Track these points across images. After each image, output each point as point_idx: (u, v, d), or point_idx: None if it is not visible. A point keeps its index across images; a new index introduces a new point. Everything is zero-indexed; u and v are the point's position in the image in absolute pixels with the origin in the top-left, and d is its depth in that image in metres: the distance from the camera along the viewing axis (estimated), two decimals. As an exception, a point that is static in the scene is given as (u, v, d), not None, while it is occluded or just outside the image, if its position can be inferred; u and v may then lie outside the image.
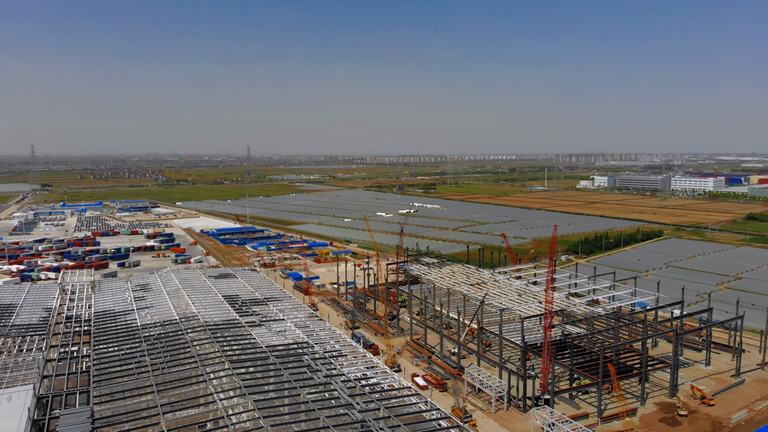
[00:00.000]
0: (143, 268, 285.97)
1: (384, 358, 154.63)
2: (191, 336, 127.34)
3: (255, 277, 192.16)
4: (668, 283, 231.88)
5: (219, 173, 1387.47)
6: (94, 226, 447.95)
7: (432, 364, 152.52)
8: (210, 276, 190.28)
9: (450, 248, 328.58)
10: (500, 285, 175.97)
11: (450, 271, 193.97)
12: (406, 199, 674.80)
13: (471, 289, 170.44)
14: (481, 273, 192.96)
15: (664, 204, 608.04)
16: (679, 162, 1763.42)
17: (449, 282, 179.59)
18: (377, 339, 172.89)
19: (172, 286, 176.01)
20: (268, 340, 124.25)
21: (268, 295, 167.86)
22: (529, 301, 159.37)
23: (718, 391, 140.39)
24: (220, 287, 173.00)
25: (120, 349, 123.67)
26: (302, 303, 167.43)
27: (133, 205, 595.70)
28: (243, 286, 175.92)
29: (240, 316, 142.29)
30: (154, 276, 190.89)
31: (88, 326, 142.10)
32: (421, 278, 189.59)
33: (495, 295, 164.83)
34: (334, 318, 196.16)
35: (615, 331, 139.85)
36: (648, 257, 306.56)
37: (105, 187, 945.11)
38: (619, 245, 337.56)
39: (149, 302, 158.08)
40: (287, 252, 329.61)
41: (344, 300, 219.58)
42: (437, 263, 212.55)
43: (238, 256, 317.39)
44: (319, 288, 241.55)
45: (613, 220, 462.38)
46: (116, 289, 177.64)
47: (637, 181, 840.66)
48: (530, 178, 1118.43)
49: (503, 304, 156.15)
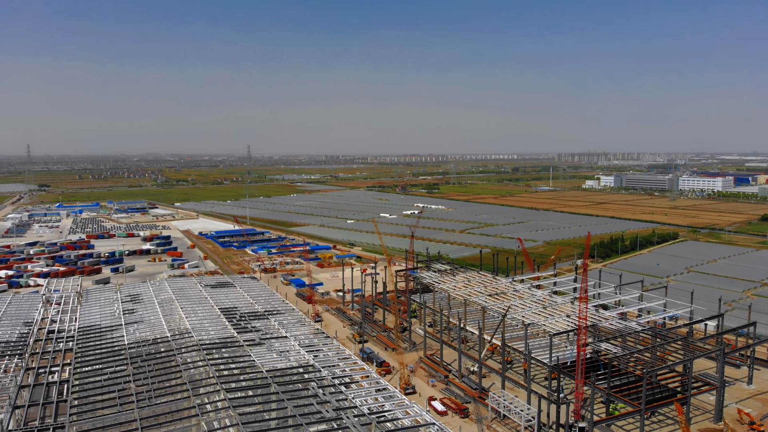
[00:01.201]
0: (138, 274, 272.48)
1: (396, 378, 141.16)
2: (183, 357, 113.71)
3: (255, 286, 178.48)
4: (692, 289, 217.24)
5: (219, 173, 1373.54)
6: (89, 228, 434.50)
7: (450, 384, 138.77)
8: (206, 285, 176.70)
9: (459, 252, 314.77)
10: (521, 295, 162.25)
11: (465, 279, 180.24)
12: (410, 200, 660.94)
13: (490, 300, 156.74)
14: (499, 281, 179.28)
15: (674, 204, 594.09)
16: (682, 161, 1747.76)
17: (465, 292, 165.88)
18: (388, 355, 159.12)
19: (165, 296, 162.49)
20: (270, 363, 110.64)
21: (269, 306, 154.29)
22: (555, 314, 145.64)
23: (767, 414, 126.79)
24: (216, 298, 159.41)
25: (104, 372, 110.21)
26: (306, 316, 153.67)
27: (130, 206, 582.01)
28: (242, 297, 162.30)
29: (238, 333, 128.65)
30: (146, 285, 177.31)
31: (72, 342, 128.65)
32: (434, 287, 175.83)
33: (517, 306, 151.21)
34: (340, 330, 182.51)
35: (654, 350, 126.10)
36: (666, 261, 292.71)
37: (103, 187, 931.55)
38: (635, 248, 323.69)
39: (139, 315, 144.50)
40: (289, 256, 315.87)
41: (350, 309, 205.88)
42: (450, 270, 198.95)
43: (238, 261, 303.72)
44: (323, 296, 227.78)
45: (624, 222, 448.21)
46: (104, 299, 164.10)
47: (644, 180, 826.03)
48: (534, 177, 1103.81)
49: (528, 318, 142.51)
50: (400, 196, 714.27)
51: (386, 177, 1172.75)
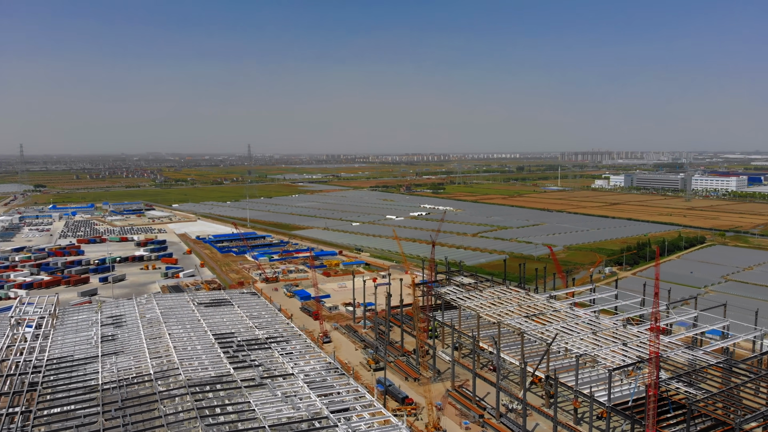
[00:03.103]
0: (128, 284, 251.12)
1: (423, 414, 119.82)
2: (167, 406, 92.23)
3: (255, 303, 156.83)
4: (735, 302, 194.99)
5: (219, 173, 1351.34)
6: (81, 231, 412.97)
7: (487, 427, 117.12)
8: (200, 303, 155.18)
9: (475, 258, 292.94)
10: (563, 317, 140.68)
11: (494, 295, 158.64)
12: (416, 200, 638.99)
13: (528, 323, 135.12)
14: (533, 298, 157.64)
15: (691, 205, 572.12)
16: (686, 160, 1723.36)
17: (497, 311, 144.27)
18: (409, 386, 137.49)
19: (152, 317, 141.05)
20: (273, 413, 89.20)
21: (271, 330, 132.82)
22: (608, 342, 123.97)
23: None
24: (211, 320, 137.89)
25: (70, 423, 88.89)
26: (314, 344, 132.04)
27: (126, 208, 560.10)
28: (240, 319, 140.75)
29: (235, 370, 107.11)
30: (132, 303, 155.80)
31: (40, 376, 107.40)
32: (460, 305, 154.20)
33: (561, 330, 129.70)
34: (351, 353, 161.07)
35: (738, 388, 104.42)
36: (699, 269, 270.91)
37: (101, 187, 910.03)
38: (662, 254, 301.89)
39: (120, 344, 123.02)
40: (292, 263, 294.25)
41: (362, 327, 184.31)
42: (474, 284, 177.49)
43: (237, 268, 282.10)
44: (331, 310, 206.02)
45: (643, 224, 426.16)
46: (83, 322, 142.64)
47: (655, 180, 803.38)
48: (541, 177, 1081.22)
49: (576, 346, 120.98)
50: (405, 197, 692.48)
51: (389, 176, 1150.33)
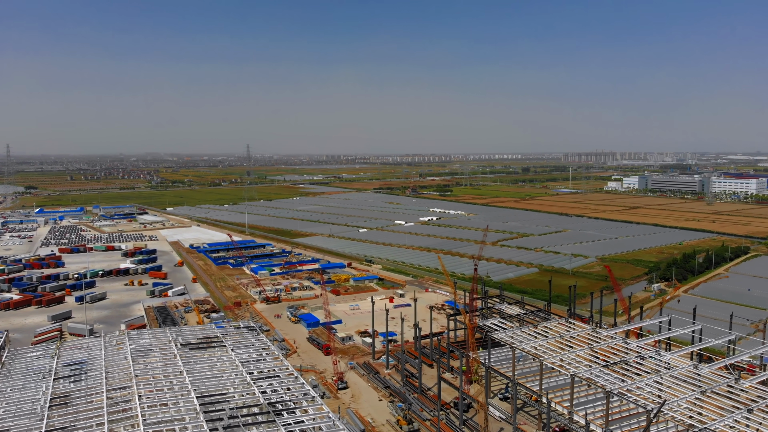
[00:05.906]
0: (108, 304, 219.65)
1: None
2: None
3: (253, 345, 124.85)
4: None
5: (218, 173, 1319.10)
6: (65, 238, 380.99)
7: None
8: (184, 344, 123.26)
9: (502, 272, 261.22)
10: (653, 366, 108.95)
11: (555, 334, 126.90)
12: (423, 203, 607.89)
13: (608, 375, 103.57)
14: (601, 336, 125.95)
15: (714, 209, 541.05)
16: (691, 161, 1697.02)
17: (563, 358, 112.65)
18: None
19: (121, 368, 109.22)
20: None
21: (276, 387, 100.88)
22: (727, 408, 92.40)
23: None
24: (197, 375, 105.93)
25: None
26: (334, 416, 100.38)
27: (117, 212, 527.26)
28: (234, 370, 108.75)
29: (226, 464, 75.22)
30: (99, 345, 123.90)
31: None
32: (515, 346, 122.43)
33: (656, 386, 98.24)
34: (374, 404, 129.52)
35: None
36: (756, 285, 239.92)
37: (94, 189, 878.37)
38: (709, 267, 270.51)
39: (71, 415, 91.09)
40: (296, 277, 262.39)
41: (384, 366, 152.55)
42: (520, 315, 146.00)
43: (233, 284, 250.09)
44: (345, 342, 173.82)
45: (674, 231, 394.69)
46: (33, 371, 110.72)
47: (671, 182, 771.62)
48: (548, 179, 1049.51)
49: (685, 415, 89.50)
50: (411, 200, 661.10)
51: (392, 177, 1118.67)
